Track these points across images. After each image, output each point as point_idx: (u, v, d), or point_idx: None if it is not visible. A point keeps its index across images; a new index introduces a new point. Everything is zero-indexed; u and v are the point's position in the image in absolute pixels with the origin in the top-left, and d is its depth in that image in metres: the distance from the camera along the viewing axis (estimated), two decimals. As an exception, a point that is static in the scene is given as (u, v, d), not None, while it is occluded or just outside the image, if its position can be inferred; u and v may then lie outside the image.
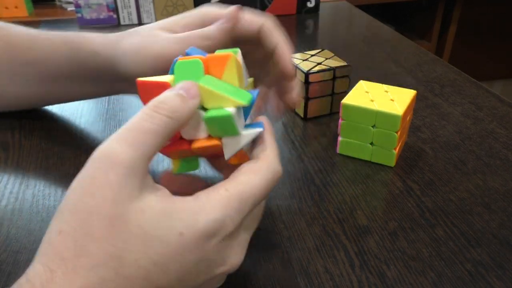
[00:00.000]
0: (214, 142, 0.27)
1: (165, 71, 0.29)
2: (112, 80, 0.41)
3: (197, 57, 0.26)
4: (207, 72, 0.27)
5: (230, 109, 0.25)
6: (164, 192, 0.24)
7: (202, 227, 0.23)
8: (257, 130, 0.28)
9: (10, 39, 0.45)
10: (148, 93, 0.26)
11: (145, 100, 0.26)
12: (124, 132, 0.23)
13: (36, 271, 0.21)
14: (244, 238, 0.27)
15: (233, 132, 0.26)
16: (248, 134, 0.27)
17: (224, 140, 0.27)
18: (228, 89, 0.26)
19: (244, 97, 0.26)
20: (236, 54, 0.27)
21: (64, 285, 0.20)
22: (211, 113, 0.26)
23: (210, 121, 0.26)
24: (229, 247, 0.25)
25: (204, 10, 0.38)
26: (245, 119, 0.28)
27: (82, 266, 0.21)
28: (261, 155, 0.27)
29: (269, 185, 0.26)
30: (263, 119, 0.29)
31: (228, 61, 0.26)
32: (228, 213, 0.24)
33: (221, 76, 0.27)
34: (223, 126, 0.26)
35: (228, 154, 0.27)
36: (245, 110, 0.28)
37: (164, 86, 0.26)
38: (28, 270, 0.21)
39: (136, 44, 0.37)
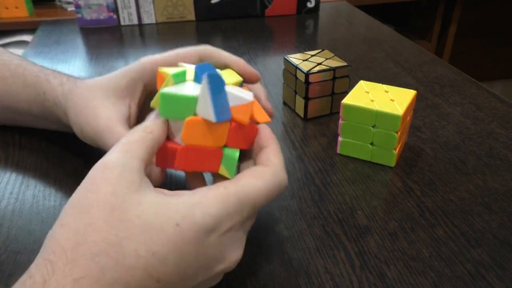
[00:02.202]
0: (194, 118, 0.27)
1: (97, 143, 0.36)
2: (70, 126, 0.41)
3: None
4: None
5: (165, 88, 0.28)
6: (162, 190, 0.26)
7: (198, 220, 0.23)
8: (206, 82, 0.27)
9: None
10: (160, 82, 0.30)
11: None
12: (114, 146, 0.26)
13: (38, 265, 0.21)
14: (242, 238, 0.27)
15: (185, 99, 0.27)
16: (201, 86, 0.27)
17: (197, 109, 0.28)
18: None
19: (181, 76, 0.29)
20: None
21: (65, 276, 0.21)
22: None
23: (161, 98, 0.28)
24: (228, 245, 0.25)
25: (144, 61, 0.37)
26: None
27: (82, 255, 0.21)
28: (268, 162, 0.28)
29: (272, 192, 0.27)
30: (265, 127, 0.30)
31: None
32: (225, 210, 0.24)
33: None
34: (174, 102, 0.27)
35: (200, 110, 0.27)
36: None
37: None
38: (30, 267, 0.22)
39: (74, 110, 0.38)
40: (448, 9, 1.56)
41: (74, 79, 0.41)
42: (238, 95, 0.28)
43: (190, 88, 0.28)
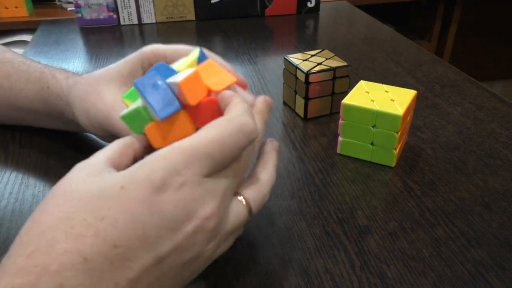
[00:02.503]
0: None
1: (105, 126, 0.36)
2: (72, 121, 0.41)
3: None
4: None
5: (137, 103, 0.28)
6: None
7: (143, 179, 0.23)
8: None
9: None
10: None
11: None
12: None
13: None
14: (213, 187, 0.25)
15: (135, 113, 0.27)
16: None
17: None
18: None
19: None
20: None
21: (18, 255, 0.21)
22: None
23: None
24: (190, 201, 0.24)
25: (145, 50, 0.37)
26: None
27: (33, 235, 0.22)
28: (225, 111, 0.26)
29: (230, 139, 0.25)
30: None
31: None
32: (171, 166, 0.24)
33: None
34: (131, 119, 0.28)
35: (151, 114, 0.27)
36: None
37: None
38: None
39: (80, 97, 0.38)
40: (448, 9, 1.56)
41: (79, 74, 0.41)
42: (177, 79, 0.26)
43: (139, 101, 0.28)
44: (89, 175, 0.24)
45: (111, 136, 0.41)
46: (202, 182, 0.24)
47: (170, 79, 0.27)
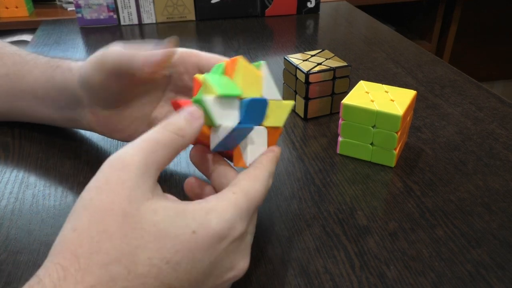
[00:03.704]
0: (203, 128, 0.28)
1: (119, 78, 0.36)
2: (75, 105, 0.41)
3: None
4: (226, 73, 0.30)
5: (208, 96, 0.27)
6: (175, 198, 0.26)
7: (214, 227, 0.23)
8: (234, 124, 0.28)
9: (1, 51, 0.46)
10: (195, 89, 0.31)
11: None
12: (136, 141, 0.25)
13: (47, 270, 0.21)
14: (249, 243, 0.27)
15: (211, 119, 0.28)
16: (226, 126, 0.28)
17: (212, 129, 0.29)
18: (221, 83, 0.28)
19: (230, 90, 0.28)
20: (259, 65, 0.30)
21: (76, 283, 0.20)
22: (196, 97, 0.29)
23: (195, 103, 0.28)
24: (237, 252, 0.25)
25: (183, 51, 0.38)
26: (254, 123, 0.30)
27: (95, 264, 0.21)
28: (258, 164, 0.29)
29: (266, 193, 0.28)
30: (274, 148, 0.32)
31: (237, 63, 0.29)
32: (238, 214, 0.25)
33: (232, 76, 0.29)
34: (205, 112, 0.27)
35: (212, 144, 0.29)
36: (252, 113, 0.29)
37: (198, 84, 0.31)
38: (38, 271, 0.21)
39: (97, 55, 0.37)
40: (448, 9, 1.56)
41: None
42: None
43: (232, 114, 0.29)
44: (146, 196, 0.23)
45: (111, 129, 0.41)
46: (245, 235, 0.26)
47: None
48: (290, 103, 0.32)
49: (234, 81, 0.29)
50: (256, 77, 0.30)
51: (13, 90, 0.44)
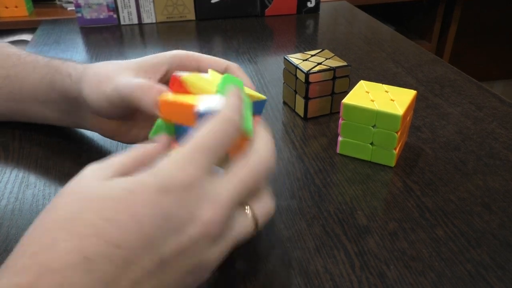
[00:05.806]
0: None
1: (118, 107, 0.37)
2: (77, 109, 0.41)
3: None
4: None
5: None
6: None
7: (149, 181, 0.24)
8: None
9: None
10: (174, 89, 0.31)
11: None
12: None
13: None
14: (216, 192, 0.25)
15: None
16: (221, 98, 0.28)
17: (201, 96, 0.29)
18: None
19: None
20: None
21: (23, 253, 0.22)
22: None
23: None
24: (195, 202, 0.24)
25: (180, 52, 0.38)
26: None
27: (37, 234, 0.22)
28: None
29: (220, 133, 0.26)
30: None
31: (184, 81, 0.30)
32: (176, 165, 0.24)
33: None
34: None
35: (201, 106, 0.28)
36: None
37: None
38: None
39: (98, 76, 0.38)
40: (448, 9, 1.56)
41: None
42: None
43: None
44: (99, 177, 0.24)
45: (114, 133, 0.41)
46: (205, 183, 0.25)
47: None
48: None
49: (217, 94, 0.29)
50: (208, 83, 0.30)
51: (13, 93, 0.44)
